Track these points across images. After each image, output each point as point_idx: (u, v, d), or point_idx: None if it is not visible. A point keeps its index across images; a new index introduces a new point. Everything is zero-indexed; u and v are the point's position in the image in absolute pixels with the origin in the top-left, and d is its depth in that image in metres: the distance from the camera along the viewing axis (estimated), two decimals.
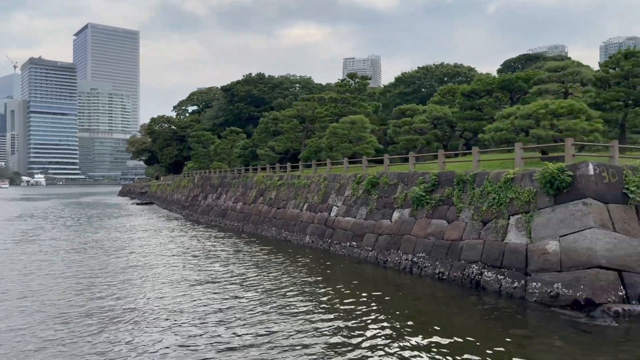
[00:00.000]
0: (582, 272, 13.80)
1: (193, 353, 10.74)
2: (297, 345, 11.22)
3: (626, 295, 13.59)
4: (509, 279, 15.67)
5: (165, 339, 11.57)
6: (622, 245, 14.29)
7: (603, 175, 15.09)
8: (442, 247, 18.80)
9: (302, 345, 11.19)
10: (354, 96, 42.04)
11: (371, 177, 24.51)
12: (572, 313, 13.36)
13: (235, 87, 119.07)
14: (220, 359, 10.48)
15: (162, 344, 11.28)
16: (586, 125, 19.43)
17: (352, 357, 10.59)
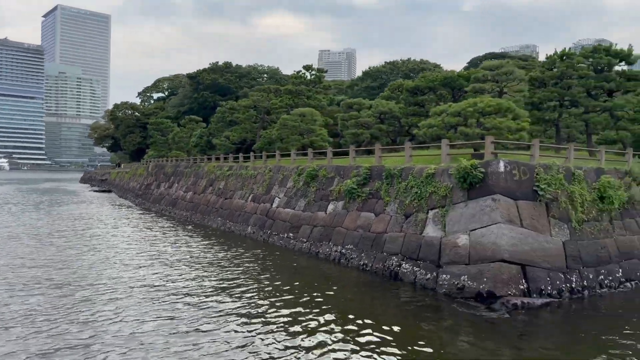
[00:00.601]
0: (487, 265, 14.33)
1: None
2: (199, 330, 11.36)
3: (528, 288, 14.18)
4: (423, 271, 16.13)
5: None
6: (528, 240, 14.87)
7: (514, 173, 15.63)
8: (368, 240, 19.17)
9: (202, 332, 11.33)
10: (309, 88, 42.12)
11: (310, 170, 24.72)
12: (475, 305, 13.86)
13: (201, 75, 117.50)
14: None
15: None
16: (512, 123, 20.00)
17: (272, 342, 10.83)
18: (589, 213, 16.88)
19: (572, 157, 19.67)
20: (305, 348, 10.63)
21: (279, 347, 10.69)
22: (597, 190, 17.51)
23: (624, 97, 25.89)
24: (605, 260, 16.39)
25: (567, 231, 16.00)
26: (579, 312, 13.91)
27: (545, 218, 15.75)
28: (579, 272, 15.47)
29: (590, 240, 16.39)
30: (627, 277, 16.56)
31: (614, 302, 15.00)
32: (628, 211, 18.41)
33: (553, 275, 14.79)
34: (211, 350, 10.40)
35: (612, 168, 19.41)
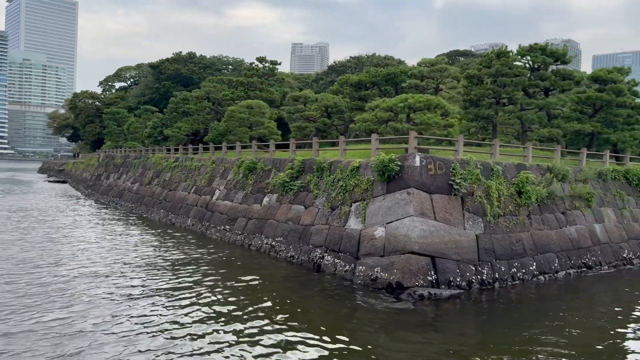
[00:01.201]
0: (398, 257, 14.64)
1: None
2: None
3: (436, 280, 14.55)
4: (343, 263, 16.37)
5: None
6: (440, 233, 15.25)
7: (429, 167, 15.98)
8: (296, 232, 19.30)
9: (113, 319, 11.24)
10: (261, 80, 41.93)
11: (248, 162, 24.68)
12: (385, 296, 14.15)
13: (164, 65, 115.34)
14: None
15: None
16: (439, 119, 20.41)
17: (196, 331, 10.85)
18: (505, 207, 17.41)
19: (497, 153, 20.25)
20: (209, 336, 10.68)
21: (183, 334, 10.69)
22: (516, 186, 18.06)
23: (557, 96, 26.71)
24: (519, 253, 16.94)
25: (482, 225, 16.47)
26: (485, 303, 14.37)
27: (459, 211, 16.17)
28: (491, 264, 15.97)
29: (505, 233, 16.91)
30: (541, 270, 17.18)
31: (523, 294, 15.51)
32: (547, 206, 19.06)
33: (464, 267, 15.23)
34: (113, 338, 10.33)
35: (535, 164, 20.06)
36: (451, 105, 21.84)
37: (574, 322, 12.76)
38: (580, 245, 19.16)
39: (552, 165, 20.15)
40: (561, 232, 18.83)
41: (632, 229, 21.90)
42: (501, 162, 18.46)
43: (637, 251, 21.20)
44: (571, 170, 20.76)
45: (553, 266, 17.63)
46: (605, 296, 16.06)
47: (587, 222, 20.17)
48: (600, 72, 27.09)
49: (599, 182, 22.15)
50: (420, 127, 20.42)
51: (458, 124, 21.41)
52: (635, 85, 32.03)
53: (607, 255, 19.91)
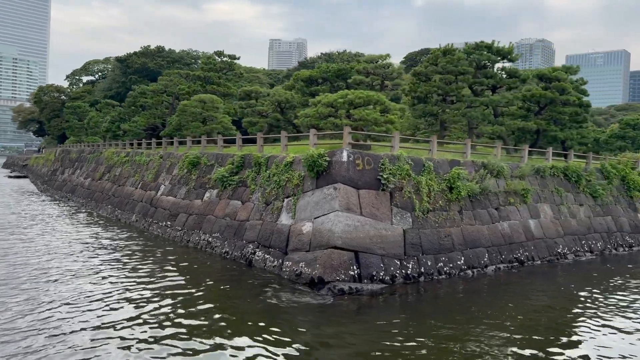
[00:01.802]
0: (321, 252, 14.65)
1: None
2: None
3: (359, 274, 14.60)
4: (272, 258, 16.31)
5: None
6: (365, 228, 15.30)
7: (357, 163, 16.01)
8: (232, 228, 19.16)
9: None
10: (219, 75, 41.49)
11: (192, 157, 24.40)
12: (307, 290, 14.14)
13: (131, 59, 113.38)
14: None
15: None
16: (378, 116, 20.48)
17: (122, 334, 10.61)
18: (435, 203, 17.58)
19: (434, 150, 20.43)
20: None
21: (104, 336, 10.47)
22: (447, 181, 18.26)
23: (502, 94, 27.10)
24: (448, 248, 17.13)
25: (410, 220, 16.60)
26: (406, 296, 14.47)
27: (387, 207, 16.26)
28: (417, 259, 16.11)
29: (434, 228, 17.08)
30: (469, 265, 17.40)
31: (448, 287, 15.68)
32: (480, 202, 19.32)
33: (388, 262, 15.32)
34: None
35: (470, 160, 20.31)
36: (392, 102, 21.88)
37: (493, 315, 12.93)
38: (512, 241, 19.49)
39: (487, 162, 20.43)
40: (493, 228, 19.13)
41: (569, 225, 22.39)
42: (434, 158, 18.65)
43: (572, 246, 21.69)
44: (507, 167, 21.10)
45: (482, 261, 17.89)
46: (530, 290, 16.28)
47: (522, 218, 20.53)
48: (545, 71, 27.62)
49: (536, 179, 22.57)
50: (360, 122, 20.47)
51: (398, 121, 21.50)
52: (583, 84, 32.79)
53: (540, 250, 20.30)
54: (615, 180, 26.54)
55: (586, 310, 13.67)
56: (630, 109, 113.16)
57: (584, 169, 25.08)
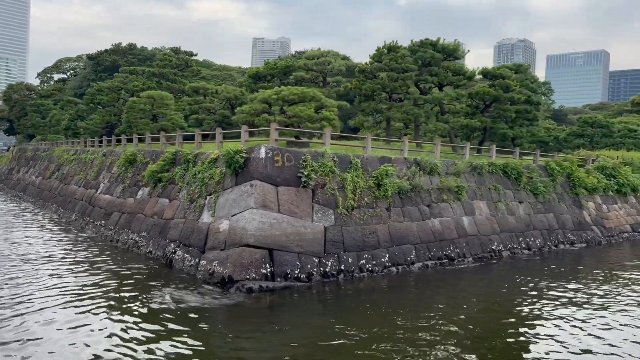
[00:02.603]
0: (233, 250, 14.34)
1: None
2: None
3: (272, 272, 14.32)
4: (190, 257, 15.95)
5: None
6: (282, 225, 15.03)
7: (276, 159, 15.73)
8: (158, 227, 18.75)
9: None
10: (174, 72, 40.90)
11: (128, 155, 23.89)
12: (217, 290, 13.81)
13: (102, 56, 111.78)
14: None
15: None
16: (313, 113, 20.24)
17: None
18: (361, 200, 17.39)
19: (369, 147, 20.26)
20: None
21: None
22: (375, 178, 18.09)
23: (445, 91, 27.10)
24: (372, 245, 16.96)
25: (333, 217, 16.38)
26: (320, 294, 14.23)
27: (308, 204, 16.01)
28: (338, 256, 15.90)
29: (358, 225, 16.89)
30: (394, 262, 17.26)
31: (368, 284, 15.46)
32: (411, 199, 19.20)
33: (305, 260, 15.08)
34: None
35: (402, 157, 20.19)
36: (329, 99, 21.67)
37: (404, 313, 12.75)
38: (443, 238, 19.41)
39: (420, 159, 20.34)
40: (423, 225, 19.02)
41: (506, 222, 22.43)
42: (362, 155, 18.47)
43: (508, 243, 21.73)
44: (441, 164, 21.05)
45: (409, 258, 17.76)
46: (449, 286, 16.18)
47: (455, 215, 20.48)
48: (490, 68, 27.69)
49: (473, 176, 22.57)
50: (293, 119, 20.21)
51: (335, 117, 21.26)
52: (533, 82, 33.04)
53: (473, 247, 20.27)
54: (560, 177, 26.72)
55: (496, 306, 13.60)
56: (605, 108, 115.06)
57: (526, 167, 25.20)
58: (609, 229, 28.06)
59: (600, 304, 14.16)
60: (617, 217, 29.62)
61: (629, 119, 71.52)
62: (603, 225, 27.90)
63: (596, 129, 45.87)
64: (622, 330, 11.88)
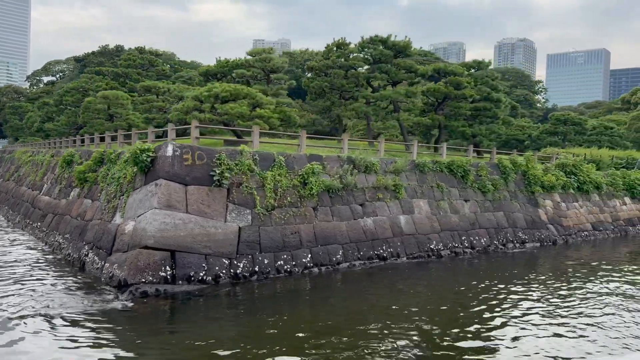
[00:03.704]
0: (131, 252, 13.85)
1: None
2: None
3: (173, 275, 13.83)
4: (98, 260, 15.47)
5: None
6: (188, 226, 14.53)
7: (185, 157, 15.25)
8: (79, 228, 18.27)
9: None
10: (138, 72, 40.45)
11: (66, 155, 23.41)
12: (113, 293, 13.32)
13: (88, 59, 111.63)
14: None
15: None
16: (245, 110, 19.78)
17: None
18: (283, 199, 16.90)
19: (303, 145, 19.80)
20: None
21: None
22: (300, 177, 17.61)
23: (395, 89, 26.61)
24: (293, 245, 16.47)
25: (249, 217, 15.89)
26: (227, 297, 13.69)
27: (222, 203, 15.52)
28: (252, 257, 15.41)
29: (279, 225, 16.40)
30: (317, 262, 16.77)
31: (284, 286, 14.96)
32: (342, 198, 18.72)
33: (214, 261, 14.59)
34: None
35: (336, 155, 19.71)
36: (266, 97, 21.19)
37: (311, 315, 12.27)
38: (376, 237, 18.92)
39: (355, 157, 19.86)
40: (355, 224, 18.53)
41: (449, 221, 21.92)
42: (287, 153, 17.98)
43: (449, 243, 21.23)
44: (378, 162, 20.58)
45: (335, 258, 17.28)
46: (366, 287, 15.67)
47: (392, 214, 19.99)
48: (441, 65, 27.19)
49: (415, 174, 22.08)
50: (225, 117, 19.75)
51: (272, 115, 20.80)
52: (494, 79, 32.55)
53: (409, 246, 19.79)
54: (513, 175, 26.23)
55: (407, 308, 13.10)
56: (599, 106, 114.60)
57: (474, 164, 24.72)
58: (566, 227, 27.59)
59: (527, 304, 13.68)
60: (576, 216, 29.14)
61: (616, 117, 71.24)
62: (560, 224, 27.43)
63: (569, 126, 45.38)
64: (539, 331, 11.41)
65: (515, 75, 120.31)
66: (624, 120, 66.55)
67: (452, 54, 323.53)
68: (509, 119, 44.33)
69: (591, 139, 48.35)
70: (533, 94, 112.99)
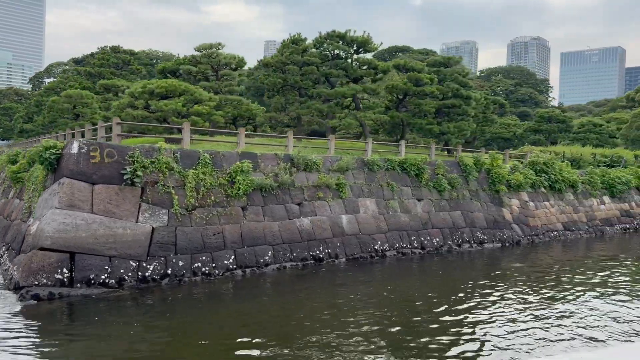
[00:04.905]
0: (28, 254, 13.30)
1: None
2: None
3: (71, 278, 13.25)
4: (8, 262, 14.93)
5: None
6: (92, 227, 13.95)
7: (92, 155, 14.66)
8: (5, 229, 17.83)
9: None
10: (111, 71, 40.14)
11: (10, 154, 22.98)
12: (9, 297, 12.79)
13: (86, 60, 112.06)
14: None
15: None
16: (180, 107, 19.19)
17: None
18: (206, 198, 16.26)
19: (242, 143, 19.20)
20: None
21: None
22: (229, 175, 16.98)
23: (351, 86, 25.86)
24: (215, 246, 15.84)
25: (165, 217, 15.28)
26: (130, 301, 13.08)
27: (134, 203, 14.92)
28: (165, 259, 14.80)
29: (200, 226, 15.78)
30: (242, 264, 16.13)
31: (199, 289, 14.33)
32: (277, 197, 18.06)
33: (119, 263, 14.00)
34: None
35: (273, 153, 19.05)
36: (207, 93, 20.59)
37: (208, 321, 11.63)
38: (313, 237, 18.23)
39: (293, 155, 19.19)
40: (289, 224, 17.86)
41: (397, 220, 21.15)
42: (214, 150, 17.36)
43: (396, 243, 20.48)
44: (321, 160, 19.89)
45: (262, 259, 16.61)
46: (295, 289, 14.98)
47: (333, 213, 19.28)
48: (401, 61, 26.40)
49: (364, 172, 21.35)
50: (158, 114, 19.18)
51: (211, 111, 20.20)
52: (465, 75, 31.70)
53: (350, 246, 19.07)
54: (475, 173, 25.38)
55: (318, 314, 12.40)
56: (608, 105, 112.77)
57: (431, 163, 23.92)
58: (533, 227, 26.68)
59: (465, 306, 12.92)
60: (546, 215, 28.19)
61: (619, 115, 69.74)
62: (526, 224, 26.52)
63: (554, 124, 44.29)
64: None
65: (520, 73, 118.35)
66: (627, 119, 65.12)
67: (464, 53, 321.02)
68: (493, 117, 43.45)
69: (579, 137, 47.22)
70: (538, 93, 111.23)
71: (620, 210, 33.65)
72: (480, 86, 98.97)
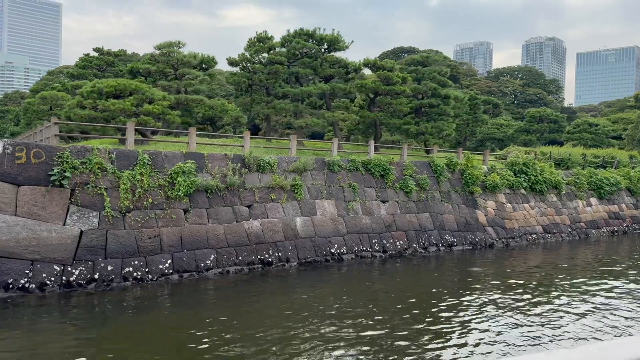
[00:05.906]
0: None
1: None
2: None
3: None
4: None
5: None
6: (13, 229, 13.43)
7: (17, 156, 14.16)
8: None
9: None
10: (94, 72, 39.86)
11: None
12: None
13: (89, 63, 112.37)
14: None
15: None
16: (129, 106, 18.70)
17: None
18: (143, 200, 15.70)
19: (193, 143, 18.62)
20: None
21: None
22: (169, 176, 16.41)
23: (319, 84, 25.20)
24: (150, 250, 15.27)
25: (96, 220, 14.74)
26: (50, 308, 12.51)
27: (62, 205, 14.40)
28: (93, 263, 14.24)
29: (134, 229, 15.21)
30: (180, 269, 15.54)
31: (128, 295, 13.75)
32: (224, 198, 17.45)
33: (41, 268, 13.47)
34: None
35: (223, 154, 18.45)
36: (160, 92, 20.07)
37: (131, 330, 11.06)
38: (262, 240, 17.59)
39: (245, 155, 18.58)
40: (236, 227, 17.23)
41: (358, 223, 20.44)
42: (159, 151, 16.79)
43: (355, 246, 19.78)
44: (276, 160, 19.26)
45: (203, 264, 16.00)
46: (229, 296, 14.32)
47: (286, 215, 18.63)
48: (372, 59, 25.68)
49: (324, 173, 20.67)
50: (105, 113, 18.69)
51: (165, 110, 19.67)
52: (443, 75, 30.89)
53: (303, 250, 18.40)
54: (446, 174, 24.60)
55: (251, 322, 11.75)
56: (618, 105, 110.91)
57: (397, 163, 23.18)
58: (509, 230, 25.82)
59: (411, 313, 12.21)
60: (524, 217, 27.29)
61: (627, 115, 68.19)
62: (502, 226, 25.67)
63: (545, 124, 43.21)
64: None
65: (528, 73, 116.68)
66: (634, 119, 63.64)
67: (478, 54, 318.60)
68: (483, 117, 42.53)
69: (573, 137, 46.10)
70: (547, 93, 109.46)
71: (608, 212, 32.60)
72: (487, 87, 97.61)
